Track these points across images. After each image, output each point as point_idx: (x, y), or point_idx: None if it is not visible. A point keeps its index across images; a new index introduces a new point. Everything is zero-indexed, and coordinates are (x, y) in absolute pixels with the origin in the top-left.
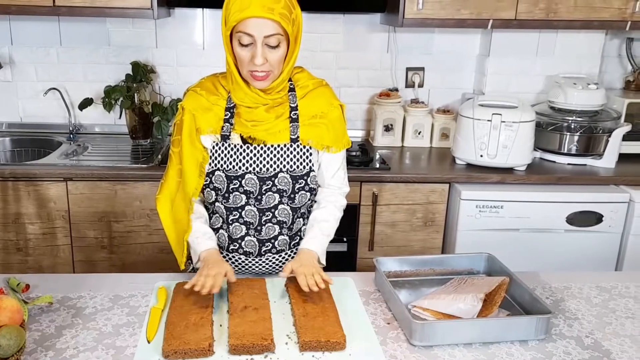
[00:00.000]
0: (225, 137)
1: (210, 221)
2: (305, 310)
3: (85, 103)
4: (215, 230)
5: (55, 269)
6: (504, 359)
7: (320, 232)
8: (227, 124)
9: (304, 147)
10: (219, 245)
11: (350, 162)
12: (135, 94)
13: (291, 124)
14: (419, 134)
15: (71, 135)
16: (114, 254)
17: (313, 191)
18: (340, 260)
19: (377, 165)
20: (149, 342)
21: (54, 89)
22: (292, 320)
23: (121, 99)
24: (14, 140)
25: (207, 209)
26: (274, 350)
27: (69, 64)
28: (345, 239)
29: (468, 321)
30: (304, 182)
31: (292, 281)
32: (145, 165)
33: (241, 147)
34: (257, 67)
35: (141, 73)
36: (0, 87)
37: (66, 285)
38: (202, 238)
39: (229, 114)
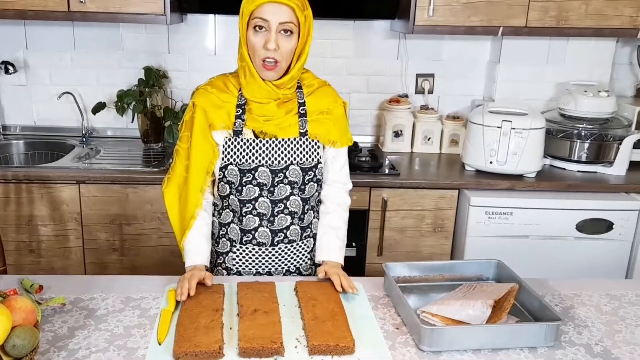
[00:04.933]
0: (237, 132)
1: (220, 217)
2: (315, 314)
3: (98, 107)
4: (227, 225)
5: (67, 271)
6: None
7: (338, 239)
8: (239, 120)
9: (312, 140)
10: (231, 239)
11: (360, 168)
12: (148, 99)
13: (300, 119)
14: (428, 140)
15: (84, 139)
16: (125, 257)
17: (320, 182)
18: (350, 265)
19: (387, 171)
20: (159, 343)
21: (68, 93)
22: (301, 324)
23: (133, 103)
24: (27, 143)
25: (216, 205)
26: (284, 353)
27: (83, 69)
28: (354, 244)
29: (477, 327)
30: (312, 173)
31: (301, 285)
32: (156, 169)
33: (253, 141)
34: (269, 52)
35: (153, 78)
36: (14, 90)
37: (78, 286)
38: (193, 251)
39: (241, 110)
